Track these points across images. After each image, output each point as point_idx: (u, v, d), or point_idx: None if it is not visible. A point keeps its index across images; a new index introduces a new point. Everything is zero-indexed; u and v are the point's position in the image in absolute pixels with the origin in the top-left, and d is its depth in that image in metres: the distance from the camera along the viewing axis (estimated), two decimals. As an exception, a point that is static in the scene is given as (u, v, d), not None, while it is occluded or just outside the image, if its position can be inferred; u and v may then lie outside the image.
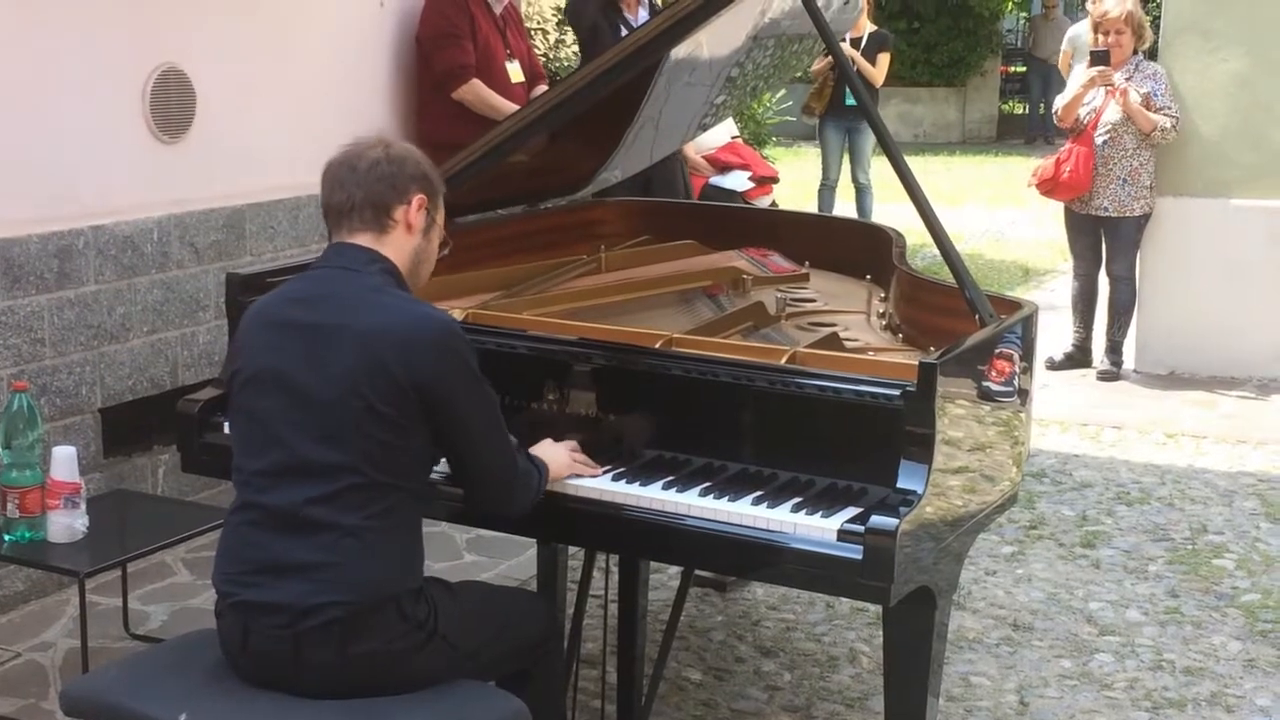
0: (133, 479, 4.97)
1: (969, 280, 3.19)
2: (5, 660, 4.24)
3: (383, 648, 2.70)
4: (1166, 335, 7.84)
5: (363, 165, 2.85)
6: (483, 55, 6.02)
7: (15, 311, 4.51)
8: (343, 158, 2.88)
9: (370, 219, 2.85)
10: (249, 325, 2.88)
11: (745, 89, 4.46)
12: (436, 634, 2.77)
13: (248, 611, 2.72)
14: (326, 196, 2.88)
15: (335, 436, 2.69)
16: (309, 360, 2.73)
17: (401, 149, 2.91)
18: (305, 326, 2.77)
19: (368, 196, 2.84)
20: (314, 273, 2.89)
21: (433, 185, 2.94)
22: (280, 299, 2.88)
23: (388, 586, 2.71)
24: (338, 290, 2.80)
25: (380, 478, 2.71)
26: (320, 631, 2.67)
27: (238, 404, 2.84)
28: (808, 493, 2.89)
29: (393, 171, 2.86)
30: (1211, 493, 5.96)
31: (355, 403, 2.68)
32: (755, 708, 4.04)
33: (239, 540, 2.78)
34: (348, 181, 2.85)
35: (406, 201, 2.87)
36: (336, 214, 2.87)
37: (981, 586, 4.91)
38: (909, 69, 21.18)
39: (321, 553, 2.68)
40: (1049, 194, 7.71)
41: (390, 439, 2.70)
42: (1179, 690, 4.20)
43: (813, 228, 4.84)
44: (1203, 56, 7.68)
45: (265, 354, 2.79)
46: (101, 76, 4.77)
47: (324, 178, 2.89)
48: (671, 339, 3.16)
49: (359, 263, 2.83)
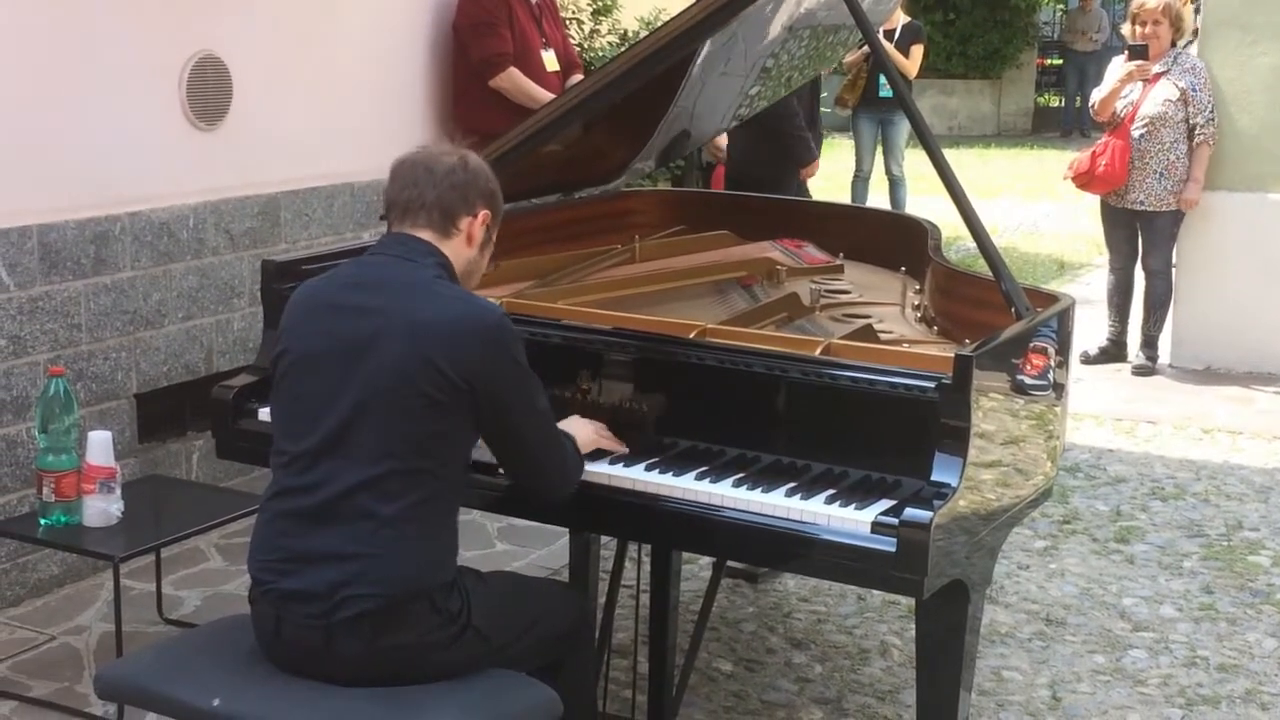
0: (167, 464, 5.00)
1: (1006, 273, 3.18)
2: (40, 644, 4.27)
3: (415, 640, 2.71)
4: (1202, 330, 7.79)
5: (440, 169, 2.89)
6: (519, 44, 6.02)
7: (52, 297, 4.54)
8: (420, 158, 2.92)
9: (437, 221, 2.88)
10: (298, 307, 2.89)
11: (780, 80, 4.44)
12: (470, 627, 2.77)
13: (281, 600, 2.73)
14: (396, 191, 2.91)
15: (382, 421, 2.70)
16: (360, 344, 2.73)
17: (477, 163, 2.95)
18: (358, 310, 2.78)
19: (439, 199, 2.88)
20: (370, 259, 2.91)
21: (498, 204, 2.98)
22: (334, 283, 2.89)
23: (422, 581, 2.72)
24: (394, 277, 2.82)
25: (422, 464, 2.71)
26: (352, 623, 2.67)
27: (283, 385, 2.85)
28: (841, 485, 2.88)
29: (467, 181, 2.90)
30: (1247, 489, 5.92)
31: (404, 389, 2.69)
32: (786, 699, 4.03)
33: (275, 528, 2.78)
34: (422, 181, 2.88)
35: (473, 214, 2.91)
36: (403, 208, 2.90)
37: (1014, 581, 4.89)
38: (944, 61, 21.08)
39: (357, 543, 2.68)
40: (1084, 187, 7.66)
41: (436, 427, 2.71)
42: (1213, 687, 4.18)
43: (847, 219, 4.84)
44: (1242, 50, 7.62)
45: (315, 336, 2.81)
46: (139, 63, 4.79)
47: (396, 172, 2.92)
48: (705, 329, 3.15)
49: (417, 254, 2.85)
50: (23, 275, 4.44)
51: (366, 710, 2.62)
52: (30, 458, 4.36)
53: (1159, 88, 7.44)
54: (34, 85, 4.45)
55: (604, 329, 3.19)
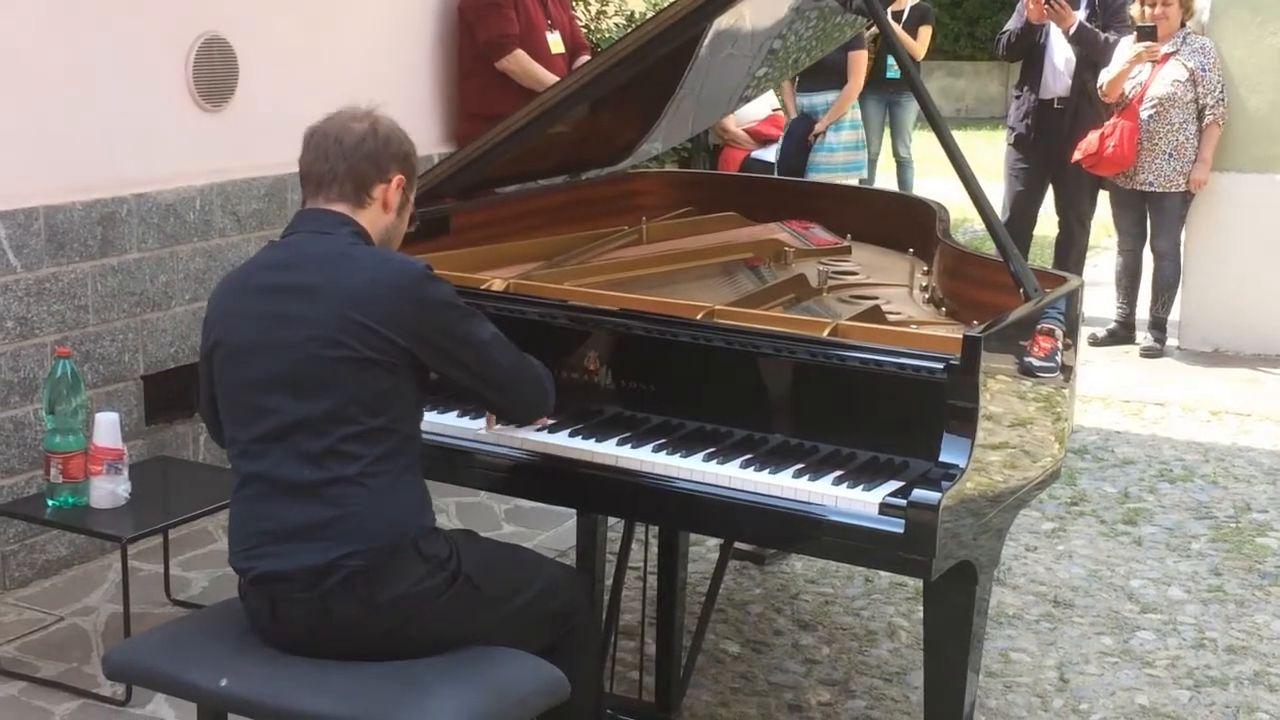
0: (174, 446, 5.00)
1: (1014, 254, 3.17)
2: (48, 624, 4.28)
3: (408, 590, 2.71)
4: (1211, 312, 7.77)
5: (350, 140, 2.86)
6: (524, 26, 6.01)
7: (59, 279, 4.54)
8: (331, 128, 2.88)
9: (350, 192, 2.87)
10: (222, 297, 2.88)
11: (787, 61, 4.43)
12: (461, 575, 2.78)
13: (270, 582, 2.74)
14: (308, 164, 2.89)
15: (326, 390, 2.71)
16: (290, 323, 2.74)
17: (387, 127, 2.92)
18: (282, 290, 2.78)
19: (350, 171, 2.86)
20: (286, 240, 2.89)
21: (413, 166, 2.97)
22: (253, 267, 2.89)
23: (401, 529, 2.73)
24: (311, 252, 2.81)
25: (376, 424, 2.72)
26: (344, 585, 2.69)
27: (224, 377, 2.84)
28: (849, 466, 2.87)
29: (378, 149, 2.88)
30: (1255, 471, 5.91)
31: (343, 358, 2.70)
32: (793, 680, 4.03)
33: (247, 515, 2.79)
34: (332, 153, 2.86)
35: (387, 180, 2.90)
36: (316, 182, 2.88)
37: (1022, 562, 4.89)
38: (952, 42, 21.01)
39: (330, 508, 2.70)
40: (1093, 168, 7.64)
41: (382, 386, 2.73)
42: (1221, 669, 4.17)
43: (855, 201, 4.81)
44: (1251, 30, 7.60)
45: (245, 323, 2.80)
46: (145, 44, 4.78)
47: (307, 144, 2.90)
48: (713, 311, 3.15)
49: (331, 226, 2.84)
50: (29, 257, 4.44)
51: (374, 689, 2.63)
52: (38, 439, 4.37)
53: (1168, 68, 7.41)
54: (40, 67, 4.45)
55: (611, 310, 3.18)
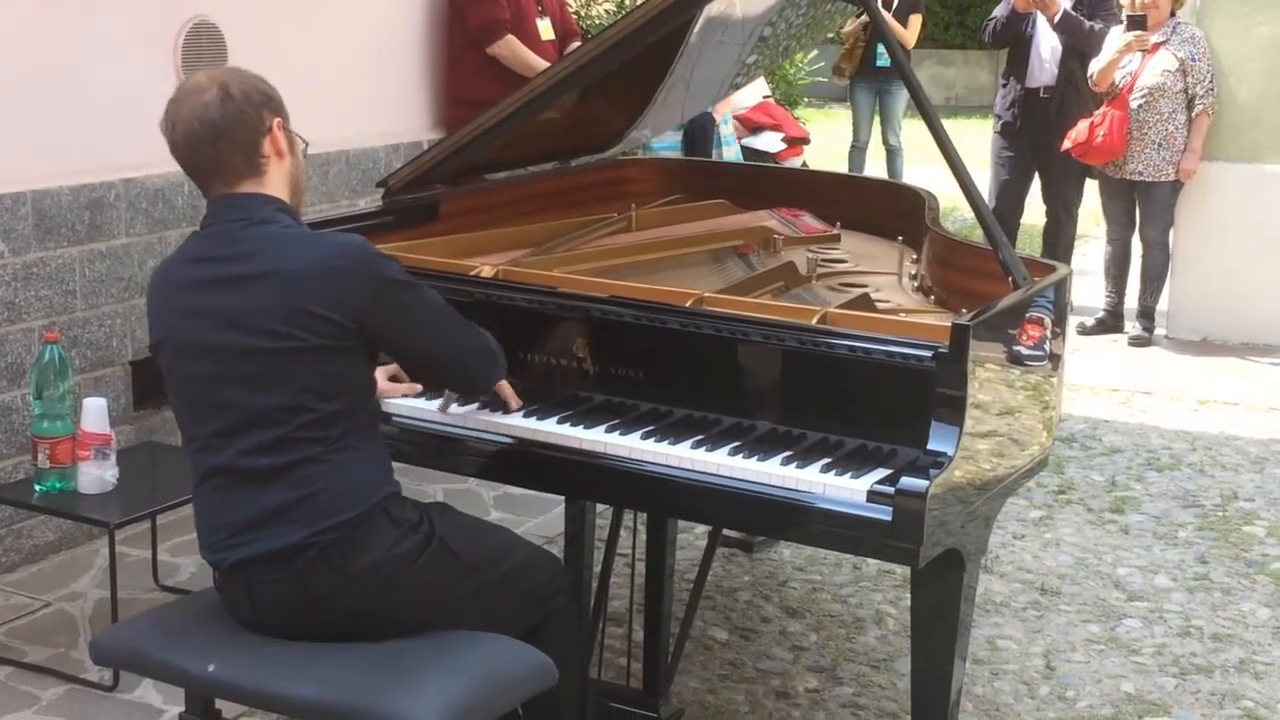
0: (162, 431, 4.99)
1: (1002, 242, 3.17)
2: (36, 610, 4.27)
3: (383, 555, 2.71)
4: (1199, 301, 7.79)
5: (211, 114, 2.74)
6: (514, 12, 5.99)
7: (47, 264, 4.53)
8: (186, 113, 2.76)
9: (243, 166, 2.78)
10: (158, 294, 2.83)
11: (777, 48, 4.43)
12: (435, 538, 2.78)
13: (245, 570, 2.73)
14: (188, 157, 2.79)
15: (278, 381, 2.69)
16: (233, 315, 2.70)
17: (239, 81, 2.80)
18: (222, 283, 2.72)
19: (233, 144, 2.76)
20: (210, 230, 2.81)
21: (278, 102, 2.85)
22: (187, 261, 2.81)
23: (367, 496, 2.72)
24: (241, 242, 2.75)
25: (331, 407, 2.71)
26: (319, 561, 2.68)
27: (173, 374, 2.81)
28: (837, 453, 2.87)
29: (241, 110, 2.76)
30: (1243, 459, 5.93)
31: (290, 344, 2.67)
32: (781, 668, 4.04)
33: (212, 508, 2.78)
34: (205, 137, 2.75)
35: (266, 131, 2.80)
36: (209, 173, 2.79)
37: (1009, 550, 4.90)
38: (942, 31, 21.01)
39: (296, 490, 2.69)
40: (1083, 157, 7.65)
41: (333, 369, 2.71)
42: (1206, 656, 4.19)
43: (844, 188, 4.81)
44: (1240, 20, 7.61)
45: (187, 318, 2.76)
46: (134, 29, 4.77)
47: (174, 138, 2.78)
48: (702, 298, 3.14)
49: (251, 209, 2.77)
50: (17, 242, 4.42)
51: (360, 674, 2.62)
52: (25, 424, 4.36)
53: (1158, 58, 7.42)
54: (28, 51, 4.43)
55: (600, 297, 3.17)
